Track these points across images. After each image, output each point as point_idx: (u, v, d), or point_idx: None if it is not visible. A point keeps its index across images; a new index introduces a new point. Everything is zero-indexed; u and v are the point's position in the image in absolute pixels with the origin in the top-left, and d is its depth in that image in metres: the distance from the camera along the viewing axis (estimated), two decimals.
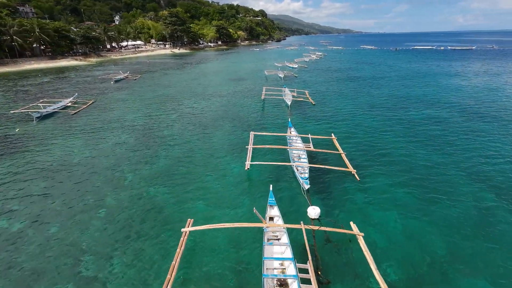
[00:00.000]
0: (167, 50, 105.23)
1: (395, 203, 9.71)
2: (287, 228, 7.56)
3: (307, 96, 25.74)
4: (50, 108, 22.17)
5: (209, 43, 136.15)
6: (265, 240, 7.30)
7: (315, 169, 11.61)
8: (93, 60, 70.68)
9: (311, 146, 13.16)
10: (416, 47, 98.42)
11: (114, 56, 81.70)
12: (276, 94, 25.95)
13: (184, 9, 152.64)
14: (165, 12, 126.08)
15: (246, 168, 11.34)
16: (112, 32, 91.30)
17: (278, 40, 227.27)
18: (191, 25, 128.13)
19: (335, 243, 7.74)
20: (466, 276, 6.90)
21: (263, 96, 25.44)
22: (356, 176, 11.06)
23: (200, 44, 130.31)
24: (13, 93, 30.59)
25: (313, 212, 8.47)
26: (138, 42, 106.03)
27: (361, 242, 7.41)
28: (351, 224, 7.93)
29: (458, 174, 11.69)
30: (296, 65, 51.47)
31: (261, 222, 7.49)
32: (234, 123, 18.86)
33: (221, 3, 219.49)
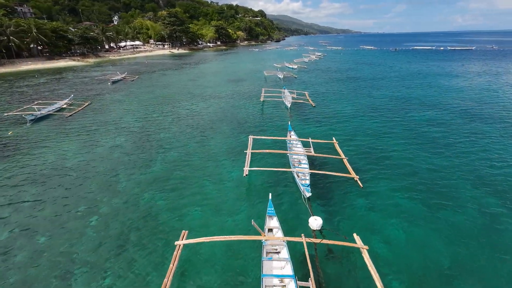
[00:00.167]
0: (166, 50, 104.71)
1: (399, 211, 9.32)
2: (287, 241, 7.14)
3: (307, 97, 25.34)
4: (45, 110, 21.69)
5: (208, 44, 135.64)
6: (264, 254, 6.87)
7: (316, 175, 11.20)
8: (91, 60, 70.12)
9: (311, 151, 12.73)
10: (416, 48, 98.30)
11: (112, 56, 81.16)
12: (276, 96, 25.52)
13: (183, 9, 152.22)
14: (164, 12, 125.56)
15: (245, 174, 10.91)
16: (110, 33, 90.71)
17: (278, 40, 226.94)
18: (190, 25, 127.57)
19: (338, 257, 7.32)
20: None
21: (262, 98, 24.99)
22: (359, 182, 10.64)
23: (199, 44, 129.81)
24: (8, 95, 30.07)
25: (315, 223, 8.06)
26: (137, 42, 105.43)
27: (365, 256, 7.00)
28: (355, 237, 7.52)
29: (462, 177, 11.36)
30: (296, 66, 51.06)
31: (259, 235, 7.07)
32: (232, 126, 18.44)
33: (220, 3, 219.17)
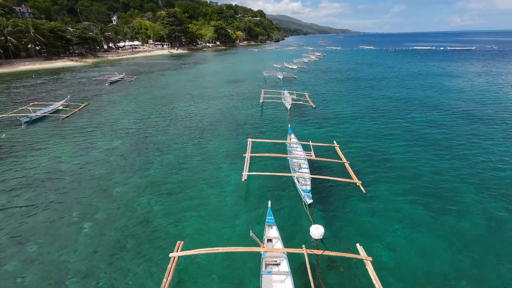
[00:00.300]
0: (165, 50, 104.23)
1: (402, 218, 9.01)
2: (288, 253, 6.80)
3: (307, 98, 24.99)
4: (40, 112, 21.30)
5: (207, 44, 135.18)
6: (263, 267, 6.53)
7: (317, 180, 10.86)
8: (89, 61, 69.66)
9: (312, 155, 12.39)
10: (416, 48, 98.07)
11: (111, 56, 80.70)
12: (275, 97, 25.17)
13: (182, 9, 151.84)
14: (163, 12, 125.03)
15: (243, 179, 10.55)
16: (109, 33, 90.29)
17: (277, 40, 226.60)
18: (189, 25, 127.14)
19: (341, 269, 6.98)
20: None
21: (261, 99, 24.63)
22: (361, 188, 10.30)
23: (198, 44, 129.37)
24: (4, 95, 29.65)
25: (316, 231, 7.71)
26: (136, 42, 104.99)
27: (369, 267, 6.67)
28: (358, 247, 7.18)
29: (466, 181, 11.08)
30: (295, 66, 50.73)
31: (258, 246, 6.73)
32: (231, 128, 18.09)
33: (219, 3, 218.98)
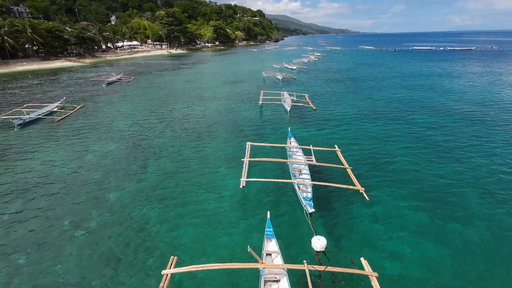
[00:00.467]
0: (164, 50, 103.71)
1: (406, 226, 8.62)
2: (288, 269, 6.39)
3: (307, 100, 24.57)
4: (34, 114, 20.82)
5: (206, 44, 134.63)
6: (262, 284, 6.11)
7: (319, 187, 10.45)
8: (87, 61, 69.10)
9: (313, 159, 11.97)
10: (415, 48, 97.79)
11: (109, 57, 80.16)
12: (275, 99, 24.75)
13: (181, 9, 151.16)
14: (162, 12, 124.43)
15: (242, 185, 10.14)
16: (107, 32, 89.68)
17: (276, 40, 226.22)
18: (188, 25, 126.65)
19: (345, 286, 6.56)
20: None
21: (260, 101, 24.18)
22: (365, 195, 9.89)
23: (197, 44, 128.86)
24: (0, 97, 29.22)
25: (318, 243, 7.29)
26: (134, 42, 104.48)
27: (375, 283, 6.26)
28: (363, 261, 6.78)
29: (470, 185, 10.75)
30: (295, 67, 50.33)
31: (256, 262, 6.31)
32: (229, 130, 17.68)
33: (218, 3, 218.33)
